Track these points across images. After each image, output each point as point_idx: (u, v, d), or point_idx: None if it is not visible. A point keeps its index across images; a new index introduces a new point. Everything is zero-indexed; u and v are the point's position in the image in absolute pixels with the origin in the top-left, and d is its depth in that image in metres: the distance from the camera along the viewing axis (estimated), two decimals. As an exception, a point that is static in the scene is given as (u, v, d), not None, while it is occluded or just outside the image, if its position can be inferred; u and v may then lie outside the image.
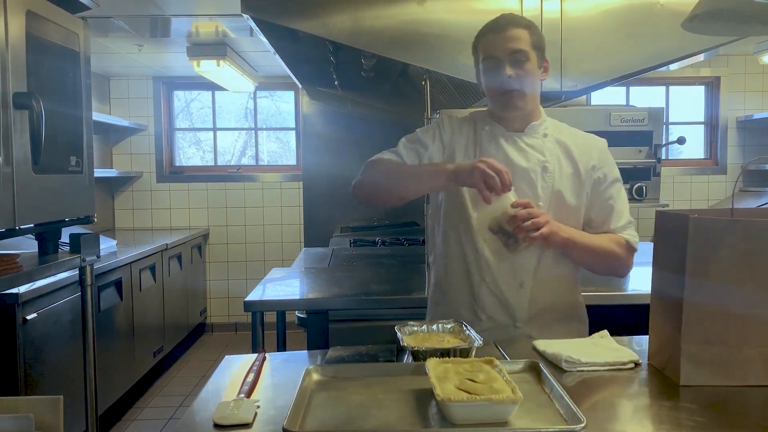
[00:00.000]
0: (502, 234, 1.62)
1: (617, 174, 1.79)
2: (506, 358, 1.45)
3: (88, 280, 2.46)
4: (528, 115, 1.75)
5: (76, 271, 2.47)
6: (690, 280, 1.27)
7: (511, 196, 1.59)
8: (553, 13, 2.43)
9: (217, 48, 4.39)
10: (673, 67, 3.36)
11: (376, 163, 1.78)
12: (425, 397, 1.17)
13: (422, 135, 1.80)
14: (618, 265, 1.80)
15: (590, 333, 1.62)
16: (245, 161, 5.98)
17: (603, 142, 1.82)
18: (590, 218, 1.77)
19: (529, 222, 1.57)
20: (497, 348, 1.56)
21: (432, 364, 1.20)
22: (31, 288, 2.70)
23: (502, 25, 1.67)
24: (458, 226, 1.76)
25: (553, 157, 1.74)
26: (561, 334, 1.65)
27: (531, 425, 1.05)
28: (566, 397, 1.11)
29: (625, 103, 5.42)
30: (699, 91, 5.68)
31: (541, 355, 1.47)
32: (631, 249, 1.78)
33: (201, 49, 4.41)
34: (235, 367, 1.47)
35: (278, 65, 3.46)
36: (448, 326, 1.51)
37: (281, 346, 2.69)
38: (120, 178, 5.63)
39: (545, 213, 1.63)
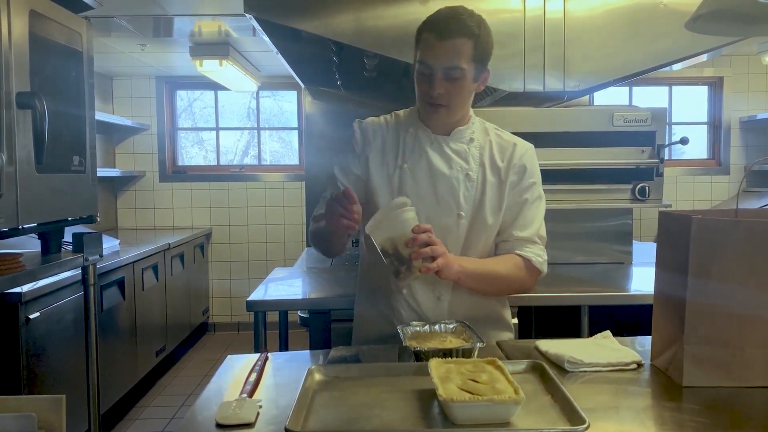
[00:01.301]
0: (395, 258, 1.51)
1: (536, 181, 1.71)
2: (509, 359, 1.45)
3: (91, 280, 2.46)
4: (456, 120, 1.68)
5: (79, 271, 2.48)
6: (693, 281, 1.26)
7: (412, 218, 1.51)
8: (556, 12, 2.43)
9: (220, 48, 4.39)
10: (676, 67, 3.36)
11: (313, 221, 1.75)
12: (428, 397, 1.16)
13: (341, 161, 1.75)
14: (518, 289, 1.73)
15: (592, 333, 1.62)
16: (248, 161, 5.98)
17: (530, 147, 1.74)
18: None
19: (428, 248, 1.48)
20: (500, 348, 1.56)
21: (434, 365, 1.20)
22: (34, 287, 2.70)
23: (447, 30, 1.53)
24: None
25: (476, 165, 1.67)
26: None
27: (534, 426, 1.05)
28: (569, 398, 1.11)
29: (628, 103, 5.41)
30: (702, 92, 5.67)
31: (544, 355, 1.46)
32: (533, 269, 1.68)
33: (204, 48, 4.42)
34: (238, 366, 1.47)
35: (281, 65, 3.46)
36: (451, 326, 1.51)
37: (283, 346, 2.69)
38: (123, 178, 5.64)
39: (442, 245, 1.53)
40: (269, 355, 1.52)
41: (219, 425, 1.12)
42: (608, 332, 1.58)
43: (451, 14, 1.56)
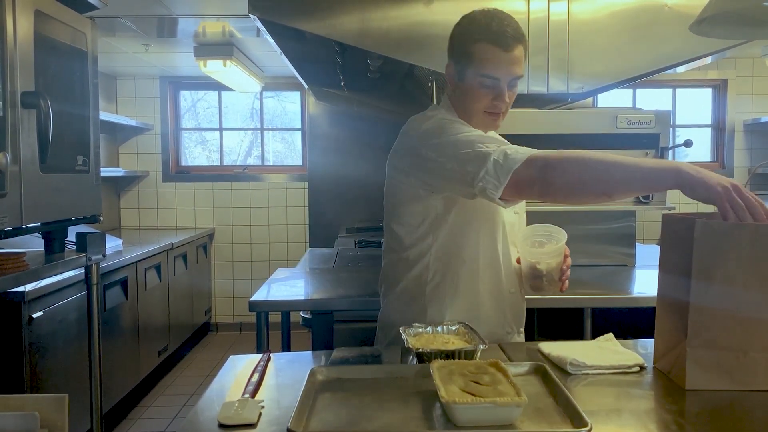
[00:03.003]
0: (540, 276, 1.63)
1: None
2: (511, 361, 1.45)
3: (94, 279, 2.46)
4: None
5: (82, 270, 2.48)
6: (696, 284, 1.26)
7: (564, 246, 1.64)
8: (560, 14, 2.43)
9: (224, 48, 4.40)
10: (681, 69, 3.36)
11: (578, 159, 1.42)
12: (430, 398, 1.16)
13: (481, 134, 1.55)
14: None
15: (595, 336, 1.62)
16: (251, 161, 5.99)
17: None
18: None
19: (568, 271, 1.62)
20: (502, 350, 1.56)
21: (437, 366, 1.19)
22: (38, 286, 2.71)
23: (508, 41, 1.52)
24: (490, 230, 1.63)
25: None
26: None
27: (536, 428, 1.04)
28: (571, 400, 1.10)
29: (631, 106, 5.40)
30: (706, 94, 5.67)
31: (546, 357, 1.46)
32: None
33: (208, 49, 4.43)
34: (240, 366, 1.47)
35: (284, 66, 3.46)
36: (453, 328, 1.51)
37: (286, 347, 2.69)
38: (126, 178, 5.65)
39: None
40: (272, 355, 1.52)
41: (221, 425, 1.12)
42: (611, 335, 1.58)
43: (503, 22, 1.53)
